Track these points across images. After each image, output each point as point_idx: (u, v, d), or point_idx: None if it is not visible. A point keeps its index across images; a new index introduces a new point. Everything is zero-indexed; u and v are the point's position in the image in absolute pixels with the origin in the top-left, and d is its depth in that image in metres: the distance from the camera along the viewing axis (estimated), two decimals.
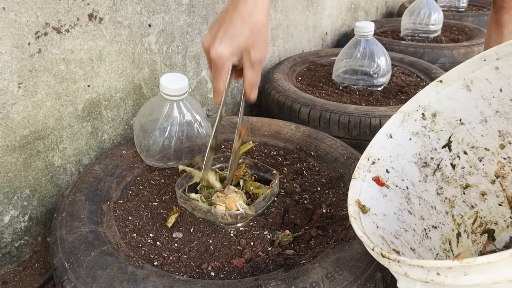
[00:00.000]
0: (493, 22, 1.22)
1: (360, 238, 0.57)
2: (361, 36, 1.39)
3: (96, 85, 0.97)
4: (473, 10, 2.69)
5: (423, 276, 0.47)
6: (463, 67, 0.73)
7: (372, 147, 0.73)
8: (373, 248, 0.53)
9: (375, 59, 1.38)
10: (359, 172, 0.70)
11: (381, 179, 0.71)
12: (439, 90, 0.75)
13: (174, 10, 1.13)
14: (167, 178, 0.91)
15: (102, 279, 0.61)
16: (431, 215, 0.75)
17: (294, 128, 1.06)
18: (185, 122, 0.89)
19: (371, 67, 1.38)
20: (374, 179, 0.71)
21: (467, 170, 0.77)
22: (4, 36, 0.77)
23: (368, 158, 0.72)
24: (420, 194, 0.75)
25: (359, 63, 1.39)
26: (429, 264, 0.45)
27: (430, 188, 0.76)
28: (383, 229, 0.66)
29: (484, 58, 0.70)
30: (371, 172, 0.71)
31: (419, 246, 0.70)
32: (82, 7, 0.89)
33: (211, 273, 0.67)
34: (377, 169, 0.72)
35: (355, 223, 0.60)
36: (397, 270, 0.51)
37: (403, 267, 0.50)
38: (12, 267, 0.91)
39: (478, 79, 0.72)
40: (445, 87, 0.75)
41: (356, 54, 1.41)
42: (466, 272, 0.44)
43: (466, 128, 0.76)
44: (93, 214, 0.76)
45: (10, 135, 0.83)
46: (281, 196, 0.85)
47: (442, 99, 0.75)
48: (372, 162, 0.72)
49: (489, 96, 0.72)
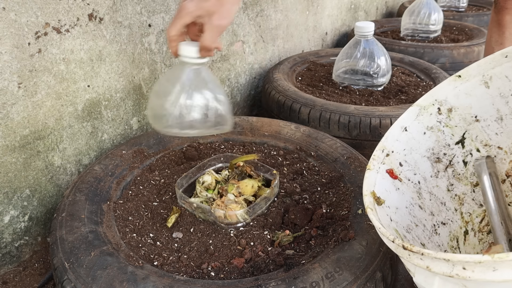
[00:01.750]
0: (494, 23, 1.21)
1: (378, 229, 0.56)
2: (361, 36, 1.39)
3: (96, 85, 0.97)
4: (473, 10, 2.69)
5: (447, 270, 0.46)
6: (483, 62, 0.71)
7: (387, 139, 0.72)
8: (394, 240, 0.52)
9: (375, 59, 1.38)
10: (373, 164, 0.69)
11: (395, 172, 0.70)
12: (457, 85, 0.74)
13: (174, 10, 1.13)
14: (167, 178, 0.91)
15: (102, 279, 0.61)
16: (441, 211, 0.74)
17: (294, 128, 1.06)
18: (205, 89, 0.82)
19: (371, 67, 1.38)
20: (388, 172, 0.70)
21: None
22: (4, 36, 0.77)
23: (382, 150, 0.71)
24: (431, 190, 0.75)
25: (359, 63, 1.39)
26: (456, 258, 0.44)
27: (441, 184, 0.76)
28: (396, 223, 0.66)
29: (506, 54, 0.69)
30: (385, 164, 0.70)
31: (429, 242, 0.70)
32: (82, 7, 0.89)
33: (211, 273, 0.67)
34: (391, 162, 0.71)
35: (372, 214, 0.58)
36: (417, 263, 0.49)
37: (425, 260, 0.48)
38: (12, 267, 0.91)
39: (498, 76, 0.71)
40: (463, 82, 0.74)
41: (356, 54, 1.40)
42: (495, 268, 0.43)
43: (481, 126, 0.75)
44: (93, 214, 0.76)
45: (10, 135, 0.83)
46: (281, 196, 0.85)
47: (459, 95, 0.74)
48: (387, 154, 0.71)
49: (507, 94, 0.71)
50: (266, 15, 1.52)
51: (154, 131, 1.03)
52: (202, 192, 0.83)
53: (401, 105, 1.23)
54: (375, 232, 0.70)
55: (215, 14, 0.69)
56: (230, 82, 1.44)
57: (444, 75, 1.43)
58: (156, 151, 0.98)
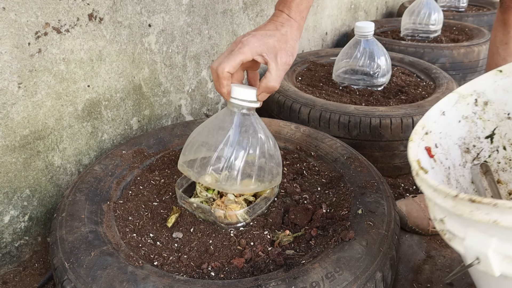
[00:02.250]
0: (499, 22, 1.20)
1: (436, 187, 0.53)
2: (361, 36, 1.39)
3: (96, 85, 0.97)
4: (473, 10, 2.69)
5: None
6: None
7: (426, 119, 0.72)
8: (457, 195, 0.50)
9: (375, 59, 1.38)
10: (415, 137, 0.68)
11: (432, 151, 0.70)
12: (497, 79, 0.74)
13: (174, 10, 1.13)
14: (167, 178, 0.91)
15: (102, 279, 0.61)
16: None
17: (294, 128, 1.06)
18: (258, 141, 0.75)
19: (371, 67, 1.38)
20: (426, 149, 0.70)
21: (501, 166, 0.77)
22: (4, 36, 0.77)
23: (422, 127, 0.71)
24: (458, 178, 0.74)
25: (359, 63, 1.39)
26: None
27: (467, 175, 0.76)
28: None
29: None
30: (424, 141, 0.70)
31: None
32: (82, 7, 0.89)
33: (211, 273, 0.67)
34: (429, 141, 0.71)
35: (426, 175, 0.57)
36: (481, 219, 0.47)
37: (492, 215, 0.46)
38: (12, 267, 0.91)
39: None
40: (503, 77, 0.74)
41: (356, 54, 1.40)
42: None
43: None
44: (93, 214, 0.76)
45: (10, 135, 0.83)
46: (281, 196, 0.85)
47: (497, 90, 0.74)
48: (426, 132, 0.71)
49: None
50: (266, 15, 1.52)
51: (154, 131, 1.03)
52: (202, 192, 0.82)
53: (401, 105, 1.23)
54: (375, 232, 0.70)
55: (281, 52, 0.64)
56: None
57: (444, 75, 1.43)
58: (156, 151, 0.98)
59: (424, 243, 1.00)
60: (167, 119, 1.22)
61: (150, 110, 1.14)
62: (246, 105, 0.71)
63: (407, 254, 0.97)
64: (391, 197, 0.81)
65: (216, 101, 1.40)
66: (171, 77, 1.18)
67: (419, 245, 1.00)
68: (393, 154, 1.17)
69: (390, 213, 0.76)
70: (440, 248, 0.99)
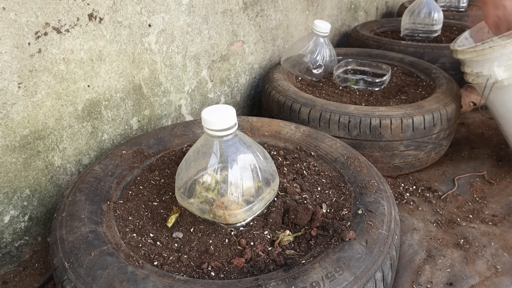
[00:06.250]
0: None
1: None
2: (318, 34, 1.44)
3: (96, 85, 0.97)
4: (473, 10, 2.69)
5: None
6: None
7: None
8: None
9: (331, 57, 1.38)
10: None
11: None
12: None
13: (174, 10, 1.13)
14: (167, 178, 0.91)
15: (102, 279, 0.61)
16: None
17: (294, 128, 1.06)
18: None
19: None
20: None
21: None
22: (4, 36, 0.77)
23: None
24: None
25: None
26: None
27: None
28: None
29: None
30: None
31: None
32: (82, 7, 0.89)
33: (211, 273, 0.67)
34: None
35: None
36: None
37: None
38: (12, 267, 0.91)
39: None
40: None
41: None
42: None
43: None
44: (93, 214, 0.76)
45: (10, 135, 0.83)
46: (281, 196, 0.85)
47: None
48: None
49: None
50: (266, 15, 1.52)
51: (154, 131, 1.03)
52: (202, 192, 0.82)
53: (401, 105, 1.23)
54: (375, 232, 0.70)
55: None
56: (230, 82, 1.44)
57: (444, 75, 1.43)
58: (156, 151, 0.98)
59: (424, 242, 1.00)
60: (167, 119, 1.22)
61: (150, 110, 1.14)
62: (222, 134, 0.72)
63: (407, 254, 0.97)
64: (391, 197, 0.81)
65: (216, 101, 1.40)
66: (171, 77, 1.18)
67: (420, 245, 1.00)
68: (393, 154, 1.17)
69: (390, 213, 0.76)
70: (440, 248, 0.99)
